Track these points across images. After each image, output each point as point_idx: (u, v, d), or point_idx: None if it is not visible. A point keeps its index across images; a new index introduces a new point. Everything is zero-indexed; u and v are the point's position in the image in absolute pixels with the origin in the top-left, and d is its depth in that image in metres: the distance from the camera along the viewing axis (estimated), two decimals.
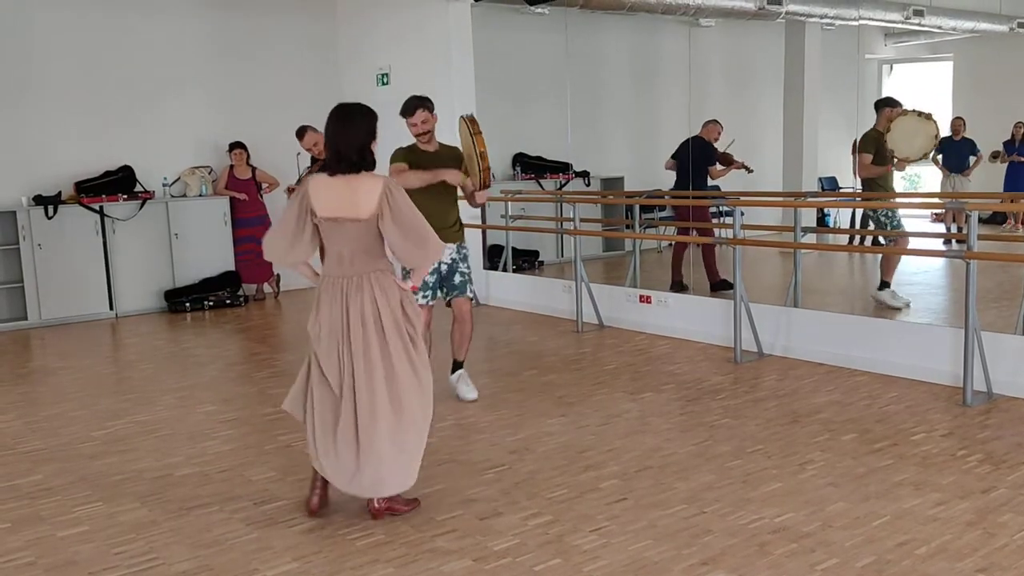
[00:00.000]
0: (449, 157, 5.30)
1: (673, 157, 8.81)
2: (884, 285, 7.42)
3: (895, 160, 7.24)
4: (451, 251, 5.33)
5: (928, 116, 7.00)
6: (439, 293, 5.40)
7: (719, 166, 8.57)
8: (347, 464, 3.62)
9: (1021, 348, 5.23)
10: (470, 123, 5.17)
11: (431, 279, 5.31)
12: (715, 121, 8.61)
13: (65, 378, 6.50)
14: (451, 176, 5.17)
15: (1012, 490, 3.82)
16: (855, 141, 7.66)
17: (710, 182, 8.71)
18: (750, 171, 8.83)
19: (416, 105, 5.22)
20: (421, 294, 5.29)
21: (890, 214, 7.42)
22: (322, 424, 3.64)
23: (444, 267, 5.34)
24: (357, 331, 3.59)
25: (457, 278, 5.39)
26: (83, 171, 8.80)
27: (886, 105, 7.46)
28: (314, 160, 7.26)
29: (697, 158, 8.43)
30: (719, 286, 8.01)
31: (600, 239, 10.80)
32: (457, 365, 5.64)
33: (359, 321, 3.59)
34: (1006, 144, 9.83)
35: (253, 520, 3.78)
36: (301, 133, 7.45)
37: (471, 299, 5.53)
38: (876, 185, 7.42)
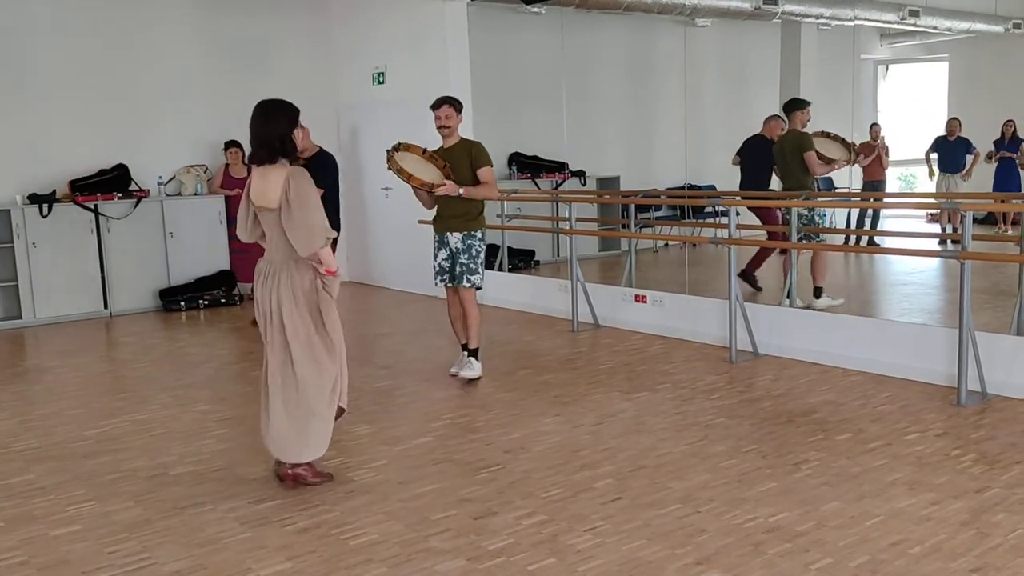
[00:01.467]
0: (462, 152, 5.77)
1: (738, 153, 8.77)
2: (819, 291, 7.42)
3: (831, 161, 7.46)
4: (456, 240, 5.79)
5: (828, 133, 7.65)
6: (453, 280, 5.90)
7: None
8: (265, 427, 4.05)
9: (1015, 348, 5.24)
10: (392, 152, 5.68)
11: (447, 264, 5.86)
12: (777, 117, 8.40)
13: (59, 377, 6.49)
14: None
15: (1006, 490, 3.82)
16: (778, 147, 7.70)
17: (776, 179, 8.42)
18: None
19: (442, 101, 5.78)
20: (439, 278, 5.92)
21: (823, 212, 7.48)
22: (263, 393, 4.09)
23: (452, 252, 5.83)
24: (276, 312, 3.96)
25: (457, 268, 5.82)
26: (78, 170, 8.77)
27: (797, 108, 7.56)
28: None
29: (758, 157, 8.27)
30: (748, 277, 7.97)
31: (596, 239, 10.80)
32: (468, 350, 6.00)
33: (277, 304, 3.95)
34: (996, 143, 9.86)
35: (247, 519, 3.78)
36: None
37: (470, 288, 5.85)
38: (811, 184, 7.51)
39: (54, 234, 8.49)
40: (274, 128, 3.92)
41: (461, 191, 5.67)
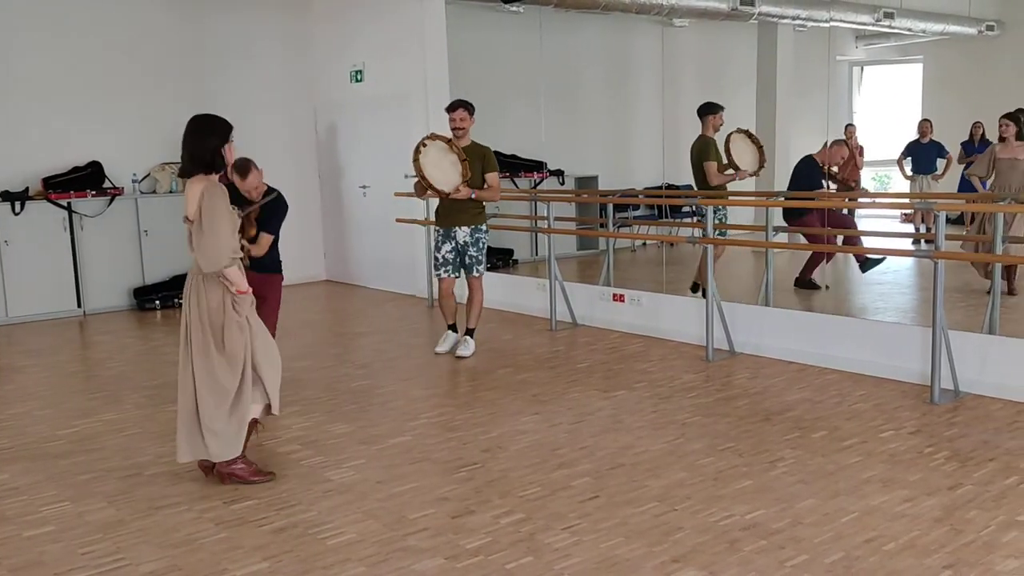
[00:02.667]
0: (474, 155, 6.23)
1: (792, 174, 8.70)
2: (696, 287, 7.54)
3: (737, 169, 7.57)
4: (465, 234, 6.33)
5: (750, 134, 7.74)
6: (460, 270, 6.45)
7: (828, 187, 8.08)
8: (179, 433, 4.10)
9: (988, 346, 5.31)
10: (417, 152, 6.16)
11: (451, 255, 6.37)
12: (840, 143, 8.25)
13: (32, 376, 6.41)
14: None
15: (978, 487, 3.87)
16: (692, 150, 7.77)
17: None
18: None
19: (458, 105, 6.31)
20: (443, 269, 6.40)
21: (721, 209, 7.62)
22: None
23: (460, 245, 6.36)
24: (186, 322, 4.04)
25: (467, 260, 6.41)
26: (51, 167, 8.67)
27: (710, 112, 7.63)
28: (243, 200, 5.36)
29: (803, 178, 8.16)
30: (806, 284, 8.00)
31: (574, 238, 10.82)
32: (468, 331, 6.53)
33: (187, 314, 4.04)
34: (965, 144, 9.95)
35: (223, 519, 3.75)
36: (245, 170, 5.39)
37: (478, 277, 6.46)
38: (717, 189, 7.62)
39: (27, 232, 8.39)
40: (207, 143, 3.98)
41: (472, 195, 6.21)
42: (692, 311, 6.71)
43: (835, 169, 8.22)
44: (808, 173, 8.17)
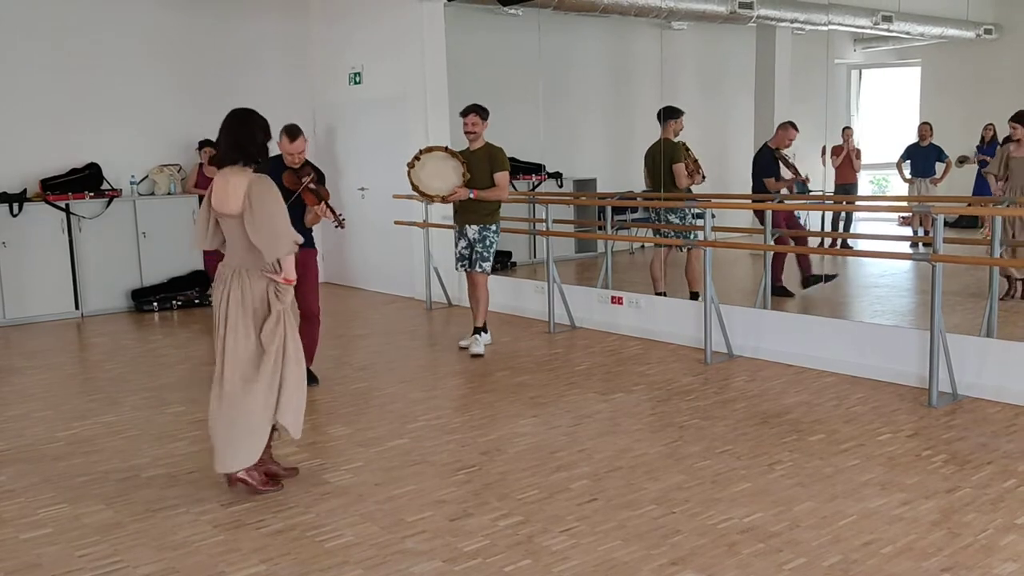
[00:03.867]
0: (483, 156, 6.56)
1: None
2: (695, 295, 7.51)
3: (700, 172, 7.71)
4: (474, 231, 6.65)
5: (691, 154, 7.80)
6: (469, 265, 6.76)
7: (780, 177, 8.07)
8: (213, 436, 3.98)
9: (986, 350, 5.31)
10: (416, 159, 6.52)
11: (466, 251, 6.73)
12: (788, 124, 8.22)
13: (30, 378, 6.41)
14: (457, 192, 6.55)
15: (976, 490, 3.87)
16: (649, 153, 7.85)
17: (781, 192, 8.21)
18: (803, 180, 8.58)
19: (470, 109, 6.60)
20: (459, 264, 6.82)
21: (684, 212, 7.73)
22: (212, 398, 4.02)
23: (471, 241, 6.67)
24: (223, 319, 3.93)
25: (473, 256, 6.69)
26: (49, 168, 8.67)
27: (673, 116, 7.71)
28: (281, 167, 5.44)
29: (758, 166, 8.20)
30: (779, 291, 7.99)
31: (572, 240, 10.81)
32: (476, 330, 6.72)
33: (225, 311, 3.92)
34: (978, 147, 9.97)
35: (220, 522, 3.75)
36: (295, 132, 5.43)
37: (480, 273, 6.68)
38: (681, 191, 7.72)
39: (25, 234, 8.38)
40: (257, 137, 3.96)
41: (471, 195, 6.46)
42: (690, 314, 6.71)
43: (785, 152, 8.22)
44: (762, 160, 8.23)
